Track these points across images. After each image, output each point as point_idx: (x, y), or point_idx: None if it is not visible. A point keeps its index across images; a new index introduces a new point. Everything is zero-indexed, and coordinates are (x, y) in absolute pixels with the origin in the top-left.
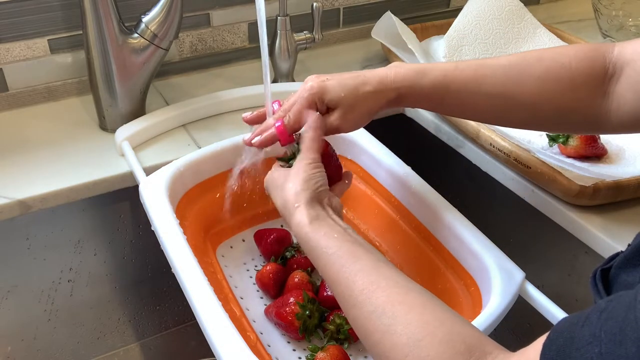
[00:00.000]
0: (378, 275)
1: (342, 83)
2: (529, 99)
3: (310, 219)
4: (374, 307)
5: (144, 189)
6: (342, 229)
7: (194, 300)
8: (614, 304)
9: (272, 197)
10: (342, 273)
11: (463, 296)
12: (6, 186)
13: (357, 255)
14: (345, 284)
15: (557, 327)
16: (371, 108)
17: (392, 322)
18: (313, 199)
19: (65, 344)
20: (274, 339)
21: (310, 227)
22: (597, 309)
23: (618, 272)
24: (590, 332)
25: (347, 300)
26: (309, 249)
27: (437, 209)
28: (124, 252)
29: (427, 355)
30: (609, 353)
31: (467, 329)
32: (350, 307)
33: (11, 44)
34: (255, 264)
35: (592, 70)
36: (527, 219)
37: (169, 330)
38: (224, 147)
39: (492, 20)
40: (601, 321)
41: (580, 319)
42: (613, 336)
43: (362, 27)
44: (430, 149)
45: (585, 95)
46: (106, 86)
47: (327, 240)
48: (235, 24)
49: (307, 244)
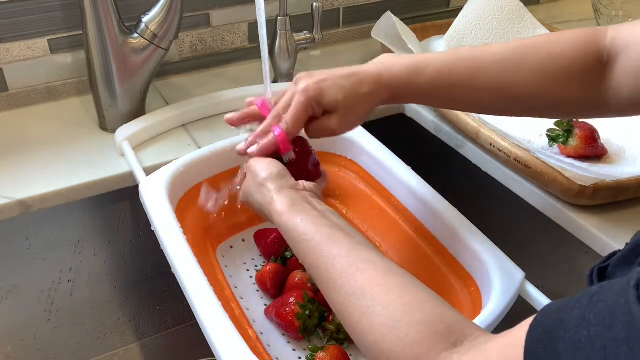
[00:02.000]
0: (357, 258)
1: (338, 85)
2: (525, 91)
3: (284, 206)
4: (353, 289)
5: (144, 189)
6: (319, 213)
7: (194, 300)
8: (605, 288)
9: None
10: (321, 258)
11: (463, 296)
12: (6, 186)
13: (335, 239)
14: (325, 269)
15: (545, 310)
16: (367, 109)
17: (371, 304)
18: (282, 187)
19: (65, 344)
20: (274, 339)
21: (286, 215)
22: (589, 293)
23: (614, 270)
24: (579, 314)
25: (327, 284)
26: (288, 237)
27: (437, 209)
28: (124, 252)
29: (405, 336)
30: (598, 336)
31: (447, 311)
32: (331, 291)
33: (11, 44)
34: (255, 264)
35: (586, 58)
36: (527, 219)
37: (169, 330)
38: (224, 147)
39: (492, 20)
40: (592, 304)
41: (569, 302)
42: (603, 319)
43: (362, 27)
44: (430, 149)
45: (581, 84)
46: (106, 86)
47: (304, 226)
48: (235, 24)
49: (287, 233)
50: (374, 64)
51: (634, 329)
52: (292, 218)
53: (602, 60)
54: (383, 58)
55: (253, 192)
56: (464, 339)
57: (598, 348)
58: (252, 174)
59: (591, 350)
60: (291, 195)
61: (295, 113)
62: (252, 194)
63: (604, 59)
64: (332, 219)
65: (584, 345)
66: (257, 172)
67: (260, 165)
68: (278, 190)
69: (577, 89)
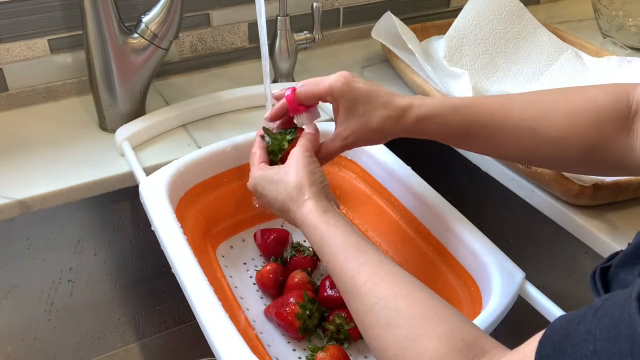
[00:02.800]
0: (382, 269)
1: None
2: (556, 134)
3: (321, 210)
4: (377, 299)
5: (144, 189)
6: (349, 224)
7: (194, 300)
8: (609, 302)
9: (265, 193)
10: (348, 264)
11: (463, 296)
12: (6, 186)
13: (362, 249)
14: (350, 275)
15: (554, 324)
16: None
17: (393, 315)
18: (321, 193)
19: (65, 344)
20: (274, 339)
21: (321, 218)
22: (593, 307)
23: (617, 270)
24: (585, 329)
25: (350, 291)
26: (316, 239)
27: (437, 209)
28: (124, 252)
29: (425, 351)
30: (603, 350)
31: (467, 327)
32: (354, 299)
33: (11, 44)
34: (255, 264)
35: (616, 106)
36: (527, 219)
37: (169, 330)
38: (224, 147)
39: (492, 20)
40: (596, 319)
41: (576, 317)
42: (608, 333)
43: (362, 27)
44: (430, 149)
45: (610, 130)
46: (106, 86)
47: (334, 232)
48: (235, 24)
49: (315, 234)
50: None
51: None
52: (324, 222)
53: (631, 110)
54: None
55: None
56: (482, 355)
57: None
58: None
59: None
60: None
61: (314, 85)
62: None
63: (632, 110)
64: (359, 232)
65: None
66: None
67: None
68: (316, 194)
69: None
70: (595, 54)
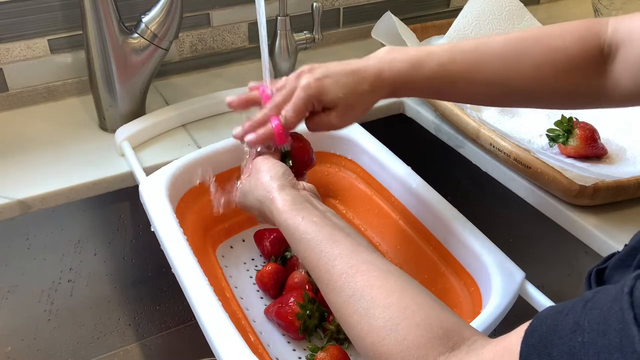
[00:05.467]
0: (357, 259)
1: (340, 83)
2: (526, 84)
3: (286, 204)
4: (353, 290)
5: (144, 189)
6: (321, 213)
7: (194, 300)
8: (600, 294)
9: (248, 206)
10: (322, 258)
11: (463, 296)
12: (6, 186)
13: (336, 240)
14: (325, 269)
15: (541, 315)
16: (367, 105)
17: (370, 306)
18: (284, 186)
19: (65, 344)
20: (274, 339)
21: (288, 214)
22: (583, 299)
23: (612, 272)
24: (574, 320)
25: (327, 285)
26: (289, 236)
27: (437, 209)
28: (124, 252)
29: (404, 339)
30: (592, 343)
31: (446, 314)
32: (330, 292)
33: (11, 44)
34: (255, 264)
35: (587, 52)
36: (527, 219)
37: (169, 330)
38: (224, 147)
39: (492, 20)
40: (586, 310)
41: (564, 308)
42: (597, 326)
43: (362, 27)
44: (430, 149)
45: (581, 76)
46: (106, 86)
47: (305, 225)
48: (235, 24)
49: (287, 230)
50: (376, 60)
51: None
52: (294, 216)
53: (603, 52)
54: (384, 52)
55: (254, 189)
56: (462, 343)
57: (591, 354)
58: (256, 172)
59: (585, 356)
60: (292, 193)
61: (294, 108)
62: (252, 191)
63: (604, 51)
64: (333, 219)
65: (578, 352)
66: (262, 170)
67: (265, 165)
68: (280, 188)
69: (579, 81)
70: None
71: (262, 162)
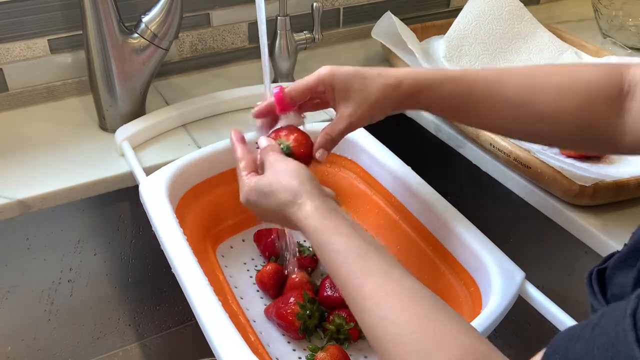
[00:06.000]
0: (387, 278)
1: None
2: (548, 110)
3: (318, 210)
4: (385, 312)
5: (144, 189)
6: (350, 225)
7: (194, 300)
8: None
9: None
10: (350, 274)
11: (463, 296)
12: (6, 186)
13: (366, 256)
14: (354, 286)
15: (554, 342)
16: (384, 103)
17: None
18: (314, 190)
19: (65, 344)
20: (274, 339)
21: (320, 221)
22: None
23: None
24: (584, 348)
25: (355, 303)
26: (318, 244)
27: (437, 209)
28: (124, 252)
29: None
30: None
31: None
32: (359, 312)
33: (11, 44)
34: (255, 264)
35: (609, 86)
36: (527, 219)
37: (169, 330)
38: (224, 147)
39: (492, 20)
40: (594, 336)
41: (575, 334)
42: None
43: (362, 27)
44: (430, 149)
45: (602, 110)
46: (106, 86)
47: (336, 237)
48: (235, 24)
49: (317, 238)
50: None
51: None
52: (324, 226)
53: (624, 91)
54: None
55: (277, 191)
56: None
57: None
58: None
59: None
60: (321, 200)
61: (302, 80)
62: (274, 193)
63: (624, 90)
64: (360, 232)
65: None
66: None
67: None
68: (309, 194)
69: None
70: (595, 54)
71: (282, 162)
